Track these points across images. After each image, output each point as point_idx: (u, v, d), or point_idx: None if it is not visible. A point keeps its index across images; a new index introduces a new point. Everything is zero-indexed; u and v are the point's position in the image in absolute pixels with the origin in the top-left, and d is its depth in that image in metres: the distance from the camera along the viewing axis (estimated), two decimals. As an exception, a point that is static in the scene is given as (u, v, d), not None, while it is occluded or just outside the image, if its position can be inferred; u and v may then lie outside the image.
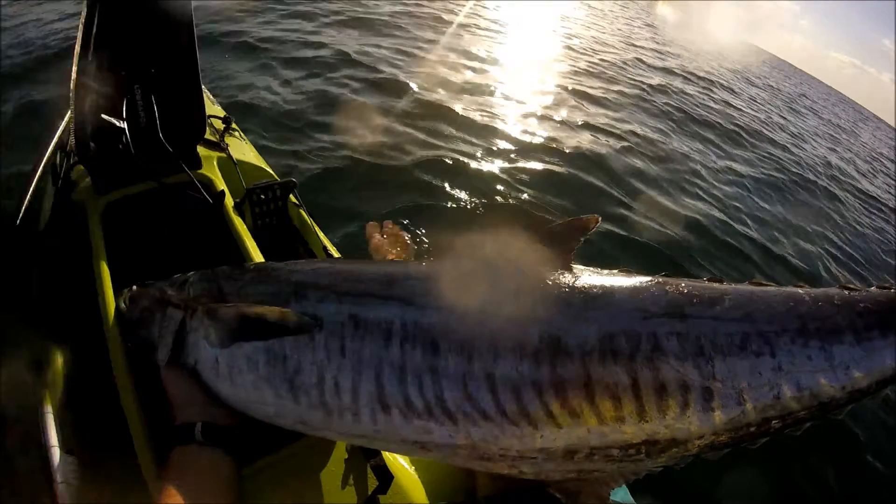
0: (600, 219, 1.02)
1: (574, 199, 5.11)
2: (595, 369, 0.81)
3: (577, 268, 0.95)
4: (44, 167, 2.14)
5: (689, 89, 12.09)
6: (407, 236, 1.83)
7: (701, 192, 6.47)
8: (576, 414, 0.82)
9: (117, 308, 1.36)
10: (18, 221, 1.88)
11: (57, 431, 1.43)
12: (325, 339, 0.92)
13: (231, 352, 0.99)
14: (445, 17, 13.24)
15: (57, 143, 2.30)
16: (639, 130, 7.70)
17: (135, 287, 1.27)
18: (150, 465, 1.14)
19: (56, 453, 1.39)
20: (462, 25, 12.54)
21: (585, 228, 1.01)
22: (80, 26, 2.08)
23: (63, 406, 1.54)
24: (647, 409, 0.81)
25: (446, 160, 5.30)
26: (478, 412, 0.84)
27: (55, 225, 2.08)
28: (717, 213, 5.99)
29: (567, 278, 0.91)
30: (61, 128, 2.40)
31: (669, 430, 0.82)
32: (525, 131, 6.52)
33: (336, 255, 2.13)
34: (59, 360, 1.70)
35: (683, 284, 0.91)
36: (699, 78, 14.00)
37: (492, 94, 7.77)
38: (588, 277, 0.91)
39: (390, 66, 7.90)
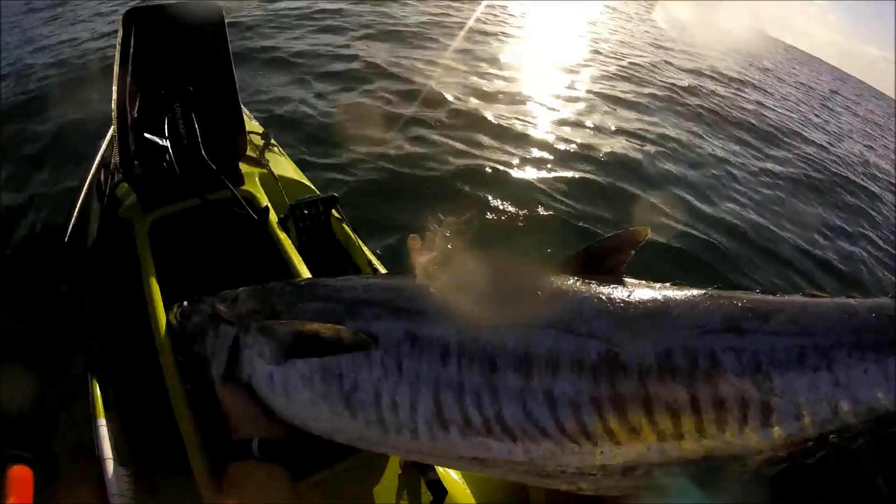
0: (650, 231, 1.01)
1: (612, 208, 5.05)
2: (653, 386, 0.81)
3: (631, 281, 0.95)
4: (89, 185, 2.17)
5: (721, 90, 11.93)
6: (444, 244, 1.86)
7: (739, 196, 6.35)
8: (635, 430, 0.82)
9: (168, 323, 1.36)
10: (67, 238, 1.90)
11: (111, 444, 1.46)
12: (381, 357, 0.92)
13: (286, 368, 1.00)
14: (473, 24, 13.27)
15: (100, 162, 2.34)
16: (672, 134, 7.62)
17: (185, 303, 1.29)
18: (205, 479, 1.17)
19: (110, 465, 1.42)
20: (490, 34, 12.56)
21: (636, 241, 1.01)
22: (118, 47, 2.16)
23: (116, 419, 1.57)
24: (706, 426, 0.81)
25: (484, 170, 5.29)
26: (537, 429, 0.84)
27: (103, 241, 2.11)
28: (756, 218, 5.86)
29: (622, 293, 0.90)
30: (104, 146, 2.43)
31: (728, 447, 0.82)
32: (559, 138, 6.48)
33: (381, 268, 2.13)
34: (111, 373, 1.73)
35: (737, 298, 0.90)
36: (730, 79, 13.80)
37: (524, 101, 7.75)
38: (642, 292, 0.91)
39: (423, 76, 7.93)
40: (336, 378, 0.94)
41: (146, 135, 2.08)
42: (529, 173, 5.42)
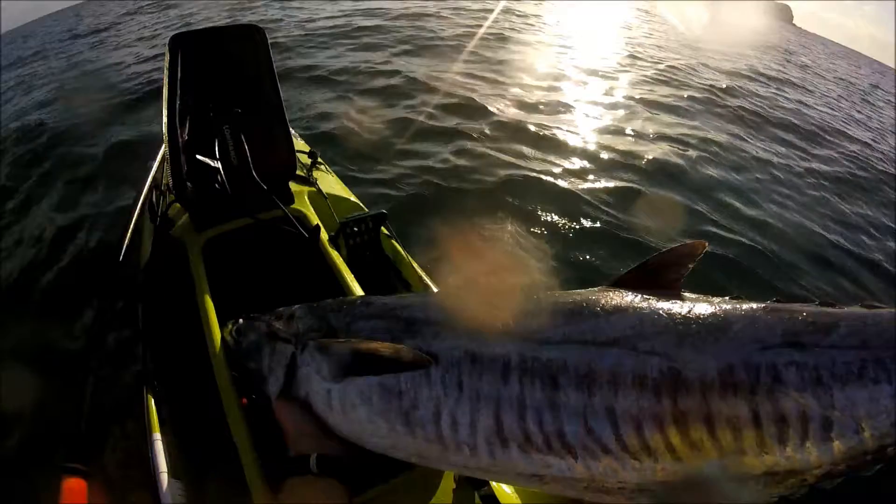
0: (707, 244, 1.01)
1: (657, 217, 4.94)
2: (715, 402, 0.81)
3: (690, 296, 0.95)
4: (141, 205, 2.22)
5: (760, 90, 11.72)
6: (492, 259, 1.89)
7: (784, 199, 6.21)
8: (696, 447, 0.82)
9: (223, 340, 1.39)
10: (121, 257, 1.94)
11: (165, 457, 1.50)
12: (441, 375, 0.92)
13: (344, 385, 1.00)
14: (508, 34, 13.32)
15: (152, 183, 2.37)
16: (714, 137, 7.51)
17: (241, 320, 1.31)
18: (260, 493, 1.19)
19: (164, 479, 1.46)
20: (527, 43, 12.61)
21: (694, 254, 1.02)
22: (165, 72, 2.24)
23: (171, 433, 1.61)
24: (767, 441, 0.80)
25: (528, 180, 5.29)
26: (598, 446, 0.84)
27: (156, 260, 2.15)
28: (803, 220, 5.75)
29: (682, 308, 0.90)
30: (154, 168, 2.48)
31: (789, 461, 0.81)
32: (601, 146, 6.44)
33: (431, 284, 2.14)
34: (165, 388, 1.77)
35: (797, 312, 0.89)
36: (769, 78, 13.53)
37: (565, 109, 7.74)
38: (702, 307, 0.91)
39: (463, 88, 7.97)
40: (395, 395, 0.95)
41: (198, 157, 2.13)
42: (573, 183, 5.39)
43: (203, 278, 1.86)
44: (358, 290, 1.80)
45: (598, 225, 4.65)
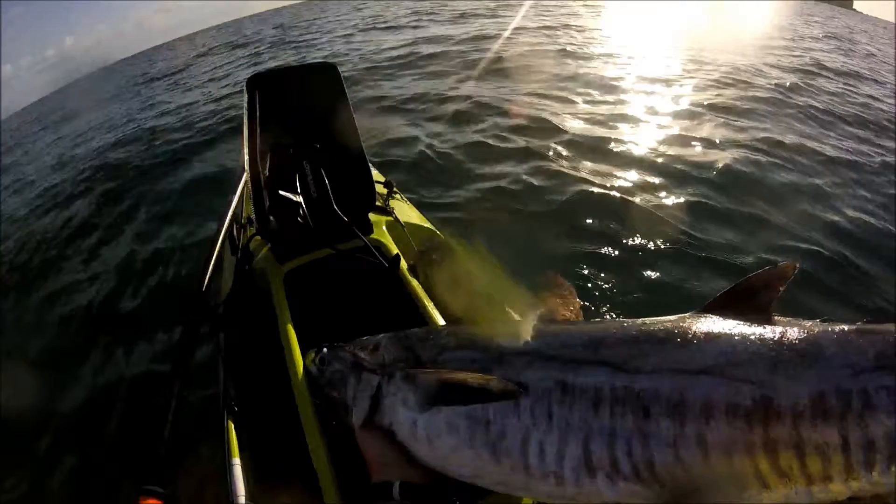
0: (797, 266, 1.01)
1: (734, 231, 4.75)
2: (806, 430, 0.80)
3: (781, 320, 0.95)
4: (222, 239, 2.21)
5: (829, 85, 11.28)
6: (572, 288, 1.86)
7: (865, 203, 5.84)
8: (784, 474, 0.82)
9: (306, 368, 1.40)
10: (204, 288, 1.92)
11: (244, 483, 1.50)
12: (531, 405, 0.93)
13: (430, 415, 1.01)
14: (570, 49, 13.36)
15: (232, 217, 2.37)
16: (786, 140, 7.22)
17: (325, 349, 1.32)
18: None
19: None
20: (591, 57, 12.59)
21: (784, 277, 1.00)
22: (245, 110, 2.31)
23: (250, 459, 1.61)
24: (855, 467, 0.80)
25: (604, 200, 5.24)
26: (688, 474, 0.84)
27: (238, 291, 2.17)
28: (887, 226, 5.36)
29: (773, 334, 0.90)
30: (234, 202, 2.49)
31: (874, 486, 0.81)
32: (672, 157, 6.32)
33: (510, 311, 2.12)
34: (246, 415, 1.78)
35: (889, 333, 0.88)
36: (836, 72, 12.97)
37: (633, 122, 7.68)
38: (794, 331, 0.90)
39: (532, 108, 8.03)
40: (482, 425, 0.95)
41: (280, 192, 2.18)
42: (647, 199, 5.31)
43: (285, 308, 1.90)
44: (439, 320, 1.81)
45: (673, 243, 4.51)
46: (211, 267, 1.97)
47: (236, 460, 1.58)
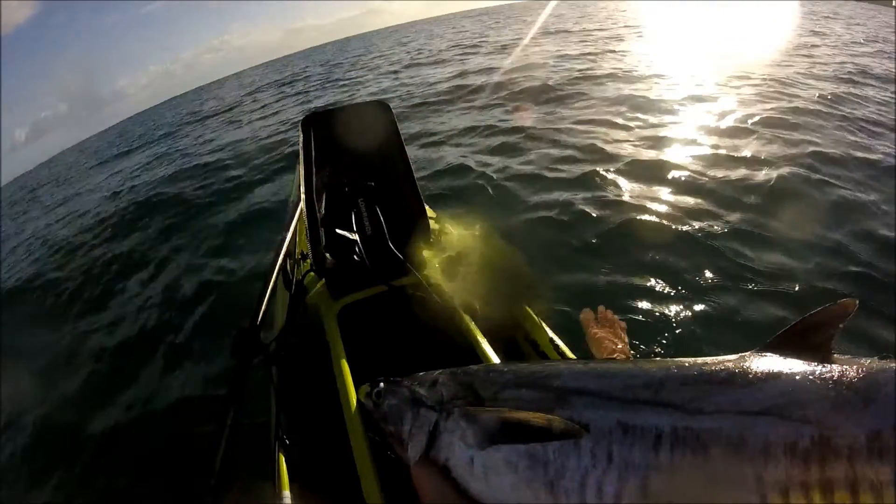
0: (857, 303, 0.99)
1: (791, 259, 4.62)
2: (861, 467, 0.81)
3: (840, 358, 0.94)
4: (276, 273, 2.20)
5: (876, 94, 10.83)
6: (623, 323, 1.83)
7: None
8: None
9: (360, 402, 1.38)
10: (259, 321, 1.91)
11: None
12: (591, 445, 0.92)
13: (488, 453, 1.00)
14: (621, 74, 13.39)
15: (285, 252, 2.37)
16: (836, 154, 7.00)
17: (381, 384, 1.31)
18: None
19: None
20: (637, 79, 12.59)
21: (843, 316, 0.99)
22: (300, 149, 2.35)
23: (299, 492, 1.61)
24: None
25: (654, 229, 5.21)
26: None
27: (291, 325, 2.18)
28: None
29: (833, 373, 0.90)
30: (287, 238, 2.48)
31: None
32: (724, 180, 6.15)
33: (562, 345, 2.08)
34: (297, 448, 1.79)
35: None
36: (881, 79, 12.37)
37: (682, 144, 7.60)
38: (851, 370, 0.90)
39: (582, 135, 8.10)
40: (541, 464, 0.95)
41: (337, 230, 2.23)
42: (697, 226, 5.20)
43: (339, 344, 1.91)
44: (493, 357, 1.81)
45: (725, 272, 4.46)
46: (265, 301, 1.97)
47: (286, 493, 1.60)
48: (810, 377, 0.90)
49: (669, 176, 6.50)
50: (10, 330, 6.84)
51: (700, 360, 0.99)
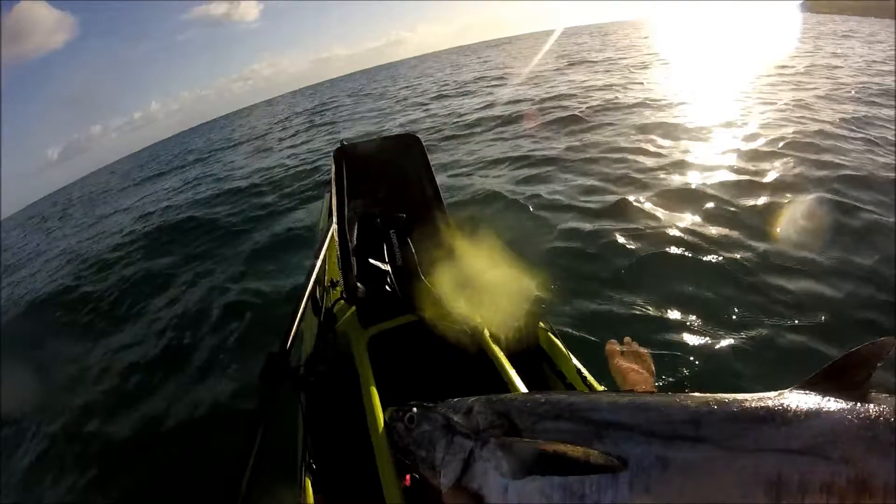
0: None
1: (825, 288, 4.48)
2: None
3: (876, 397, 0.94)
4: (306, 299, 2.17)
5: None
6: (649, 353, 1.80)
7: None
8: None
9: (387, 424, 1.38)
10: (288, 346, 1.88)
11: None
12: (629, 479, 0.92)
13: (523, 483, 1.00)
14: (648, 102, 13.28)
15: (315, 279, 2.36)
16: (866, 176, 6.78)
17: (414, 409, 1.31)
18: None
19: None
20: (664, 106, 12.50)
21: (881, 355, 0.98)
22: (332, 180, 2.41)
23: None
24: None
25: (683, 260, 5.14)
26: None
27: (320, 352, 2.20)
28: None
29: (869, 412, 0.89)
30: (317, 265, 2.47)
31: None
32: (754, 209, 6.15)
33: (592, 380, 2.08)
34: (324, 473, 1.80)
35: None
36: None
37: (710, 171, 7.52)
38: (888, 409, 0.89)
39: (611, 165, 8.06)
40: (577, 497, 0.95)
41: (370, 260, 2.28)
42: (727, 257, 5.07)
43: (369, 371, 1.93)
44: (521, 387, 1.82)
45: (756, 304, 4.34)
46: (295, 327, 1.96)
47: None
48: (848, 417, 0.90)
49: (697, 204, 6.46)
50: (41, 339, 7.06)
51: (740, 396, 0.98)
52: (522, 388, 1.83)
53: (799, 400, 0.95)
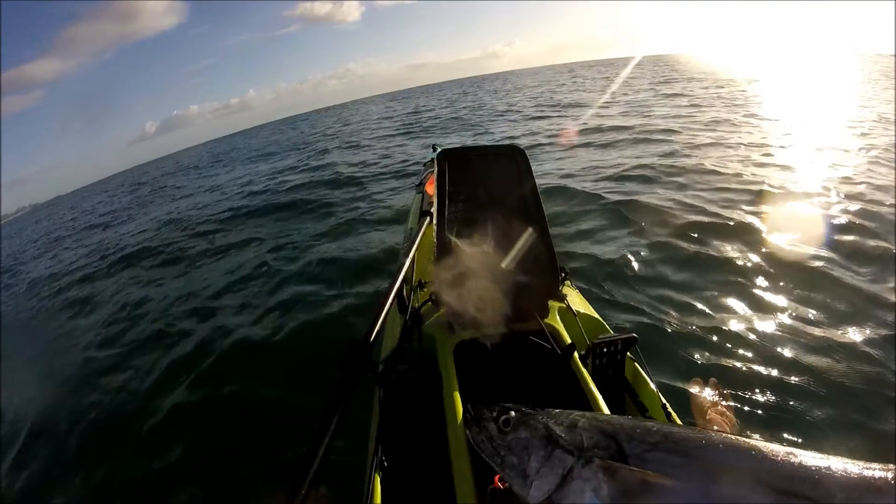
0: None
1: None
2: None
3: None
4: (393, 296, 2.11)
5: None
6: (730, 395, 1.80)
7: None
8: None
9: (471, 424, 1.36)
10: (371, 339, 1.82)
11: None
12: None
13: None
14: (730, 140, 12.89)
15: (403, 278, 2.30)
16: None
17: (512, 412, 1.28)
18: None
19: None
20: (760, 146, 12.07)
21: None
22: (436, 183, 2.37)
23: None
24: None
25: (777, 311, 4.86)
26: None
27: (402, 351, 2.20)
28: None
29: None
30: (406, 264, 2.42)
31: None
32: (852, 247, 5.96)
33: (672, 413, 2.05)
34: (395, 472, 1.77)
35: None
36: None
37: (799, 201, 7.43)
38: None
39: (718, 205, 7.71)
40: None
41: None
42: (823, 325, 4.61)
43: (453, 376, 1.89)
44: (606, 411, 1.77)
45: (855, 364, 4.07)
46: (379, 322, 1.91)
47: None
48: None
49: (806, 269, 5.77)
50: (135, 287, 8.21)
51: (861, 463, 0.93)
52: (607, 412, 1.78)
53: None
